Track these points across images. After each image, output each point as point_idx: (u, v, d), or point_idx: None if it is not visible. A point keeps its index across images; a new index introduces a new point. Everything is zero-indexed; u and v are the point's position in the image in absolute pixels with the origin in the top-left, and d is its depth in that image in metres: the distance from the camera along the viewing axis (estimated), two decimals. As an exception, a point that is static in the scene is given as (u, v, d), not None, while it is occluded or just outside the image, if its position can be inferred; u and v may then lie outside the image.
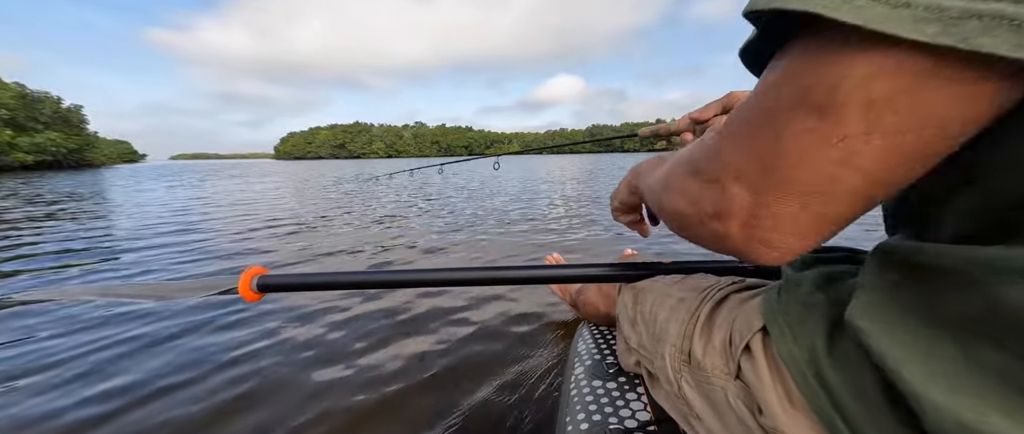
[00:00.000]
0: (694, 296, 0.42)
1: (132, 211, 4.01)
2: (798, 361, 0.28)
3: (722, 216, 0.23)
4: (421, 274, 0.50)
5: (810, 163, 0.18)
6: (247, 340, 1.14)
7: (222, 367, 1.00)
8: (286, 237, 2.58)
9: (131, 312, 1.31)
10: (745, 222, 0.22)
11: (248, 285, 0.45)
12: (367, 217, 3.28)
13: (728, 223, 0.22)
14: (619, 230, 2.56)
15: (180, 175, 13.45)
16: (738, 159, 0.21)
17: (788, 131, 0.19)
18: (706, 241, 0.26)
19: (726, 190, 0.22)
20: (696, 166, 0.25)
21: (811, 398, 0.27)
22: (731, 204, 0.22)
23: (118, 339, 1.16)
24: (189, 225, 3.08)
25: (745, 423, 0.33)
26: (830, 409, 0.26)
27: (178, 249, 2.27)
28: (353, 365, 0.99)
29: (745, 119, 0.21)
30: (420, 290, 1.42)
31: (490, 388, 0.88)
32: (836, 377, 0.26)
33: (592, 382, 0.55)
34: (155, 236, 2.66)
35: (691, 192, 0.25)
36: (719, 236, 0.24)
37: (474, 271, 0.50)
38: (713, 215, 0.23)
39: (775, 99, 0.19)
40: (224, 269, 1.96)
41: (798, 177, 0.19)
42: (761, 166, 0.20)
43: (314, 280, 0.48)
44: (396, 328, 1.20)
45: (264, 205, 4.28)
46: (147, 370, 0.99)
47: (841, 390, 0.25)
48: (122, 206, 4.48)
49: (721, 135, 0.23)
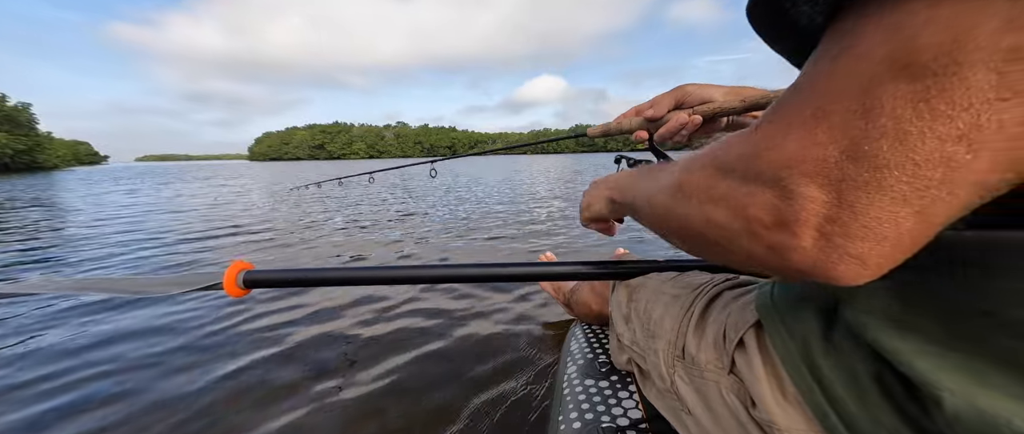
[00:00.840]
0: (688, 293, 0.42)
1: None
2: (792, 354, 0.28)
3: (788, 224, 0.18)
4: (412, 270, 0.48)
5: (916, 145, 0.14)
6: (231, 338, 1.12)
7: (203, 365, 0.97)
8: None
9: (108, 305, 1.26)
10: (823, 230, 0.17)
11: (234, 281, 0.43)
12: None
13: (797, 233, 0.18)
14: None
15: (139, 178, 12.62)
16: (807, 150, 0.17)
17: (883, 105, 0.15)
18: (757, 259, 0.21)
19: (793, 191, 0.18)
20: (736, 166, 0.21)
21: (805, 391, 0.27)
22: (802, 208, 0.18)
23: (95, 332, 1.13)
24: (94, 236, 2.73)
25: (737, 417, 0.33)
26: (823, 401, 0.26)
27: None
28: (340, 364, 0.99)
29: (810, 99, 0.17)
30: (411, 288, 1.41)
31: (483, 387, 0.87)
32: (829, 369, 0.25)
33: (585, 381, 0.55)
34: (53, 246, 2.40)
35: (734, 199, 0.21)
36: (781, 251, 0.19)
37: (466, 268, 0.49)
38: (772, 224, 0.19)
39: (858, 66, 0.16)
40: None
41: (898, 164, 0.15)
42: (844, 154, 0.16)
43: (302, 276, 0.46)
44: (385, 327, 1.18)
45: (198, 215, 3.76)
46: (122, 367, 0.95)
47: (834, 382, 0.25)
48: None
49: (772, 124, 0.19)
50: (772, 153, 0.19)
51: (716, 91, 0.49)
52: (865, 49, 0.16)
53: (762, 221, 0.19)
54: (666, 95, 0.51)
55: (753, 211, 0.20)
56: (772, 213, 0.19)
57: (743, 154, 0.21)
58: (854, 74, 0.16)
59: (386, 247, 2.26)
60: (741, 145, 0.21)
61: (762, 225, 0.20)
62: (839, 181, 0.16)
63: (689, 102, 0.50)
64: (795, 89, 0.19)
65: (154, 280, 0.48)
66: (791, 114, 0.18)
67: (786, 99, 0.19)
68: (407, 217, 3.27)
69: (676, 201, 0.26)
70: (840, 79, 0.16)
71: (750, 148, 0.20)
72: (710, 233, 0.23)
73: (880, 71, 0.15)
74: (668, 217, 0.27)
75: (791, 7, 0.19)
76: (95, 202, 5.10)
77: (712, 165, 0.23)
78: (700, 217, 0.23)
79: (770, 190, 0.19)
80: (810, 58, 0.19)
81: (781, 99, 0.20)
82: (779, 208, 0.19)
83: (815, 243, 0.18)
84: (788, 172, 0.18)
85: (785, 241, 0.19)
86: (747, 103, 0.44)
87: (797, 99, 0.18)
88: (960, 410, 0.19)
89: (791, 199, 0.18)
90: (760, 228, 0.20)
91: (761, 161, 0.19)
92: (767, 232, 0.19)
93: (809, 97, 0.18)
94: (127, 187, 8.15)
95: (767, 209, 0.19)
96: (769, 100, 0.43)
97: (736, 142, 0.22)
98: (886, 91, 0.15)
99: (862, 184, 0.16)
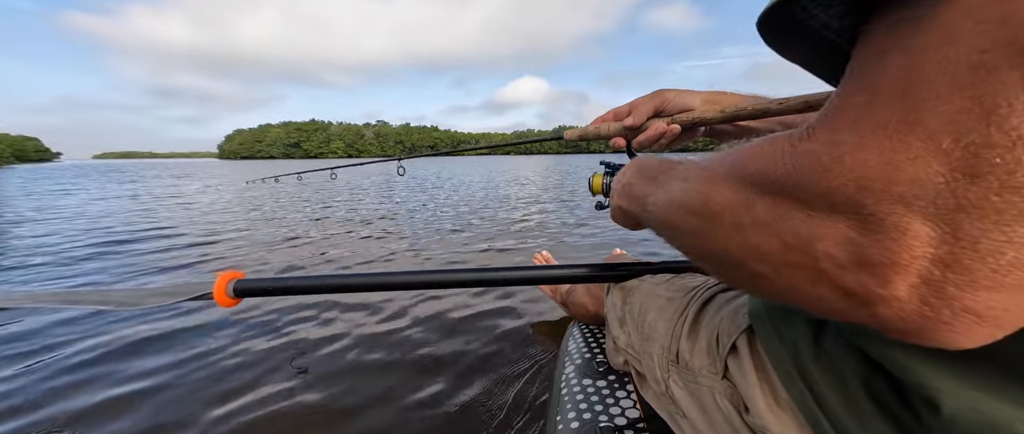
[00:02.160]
0: (682, 296, 0.43)
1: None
2: (783, 360, 0.28)
3: (873, 266, 0.14)
4: (407, 276, 0.48)
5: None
6: (223, 345, 1.10)
7: (195, 374, 0.95)
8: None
9: (94, 317, 1.21)
10: (928, 277, 0.13)
11: (224, 290, 0.43)
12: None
13: (889, 279, 0.14)
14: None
15: (84, 178, 11.39)
16: (900, 167, 0.13)
17: (1011, 100, 0.11)
18: (824, 302, 0.16)
19: (882, 222, 0.13)
20: (784, 183, 0.16)
21: (797, 397, 0.27)
22: (896, 246, 0.13)
23: (82, 348, 1.07)
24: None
25: (731, 423, 0.33)
26: (815, 408, 0.25)
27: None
28: (336, 366, 0.99)
29: (890, 99, 0.13)
30: (407, 293, 1.40)
31: (481, 387, 0.88)
32: (820, 374, 0.25)
33: (582, 380, 0.56)
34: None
35: (787, 227, 0.16)
36: (862, 298, 0.15)
37: (462, 273, 0.49)
38: (849, 264, 0.15)
39: (956, 52, 0.12)
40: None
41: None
42: (958, 171, 0.12)
43: (294, 284, 0.45)
44: (381, 328, 1.19)
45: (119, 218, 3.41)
46: (112, 380, 0.91)
47: (825, 387, 0.25)
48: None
49: (834, 132, 0.15)
50: (843, 171, 0.14)
51: (694, 98, 0.49)
52: (956, 29, 0.12)
53: (834, 259, 0.15)
54: (645, 100, 0.50)
55: (822, 246, 0.15)
56: (848, 250, 0.14)
57: (797, 169, 0.16)
58: (952, 64, 0.12)
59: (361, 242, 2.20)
60: (790, 157, 0.16)
61: (834, 263, 0.15)
62: (953, 210, 0.12)
63: (668, 110, 0.49)
64: (859, 88, 0.14)
65: (142, 292, 0.46)
66: (861, 119, 0.14)
67: (847, 103, 0.15)
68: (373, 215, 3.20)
69: (700, 221, 0.21)
70: (932, 73, 0.12)
71: (807, 162, 0.15)
72: (756, 263, 0.18)
73: (996, 59, 0.11)
74: (686, 233, 0.23)
75: (803, 14, 0.16)
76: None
77: (745, 181, 0.18)
78: (736, 243, 0.19)
79: (844, 219, 0.14)
80: (863, 53, 0.15)
81: (838, 102, 0.15)
82: (859, 244, 0.14)
83: (915, 293, 0.13)
84: (872, 197, 0.13)
85: (869, 287, 0.14)
86: (726, 114, 0.45)
87: (865, 99, 0.14)
88: (958, 413, 0.19)
89: (878, 233, 0.14)
90: (831, 267, 0.15)
91: (826, 180, 0.15)
92: (841, 273, 0.15)
93: (889, 97, 0.13)
94: (61, 188, 7.36)
95: (840, 244, 0.15)
96: (745, 112, 0.43)
97: (776, 152, 0.17)
98: (1008, 77, 0.11)
99: (990, 212, 0.12)
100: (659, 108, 0.50)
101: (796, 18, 0.17)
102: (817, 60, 0.20)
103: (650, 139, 0.50)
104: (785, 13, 0.17)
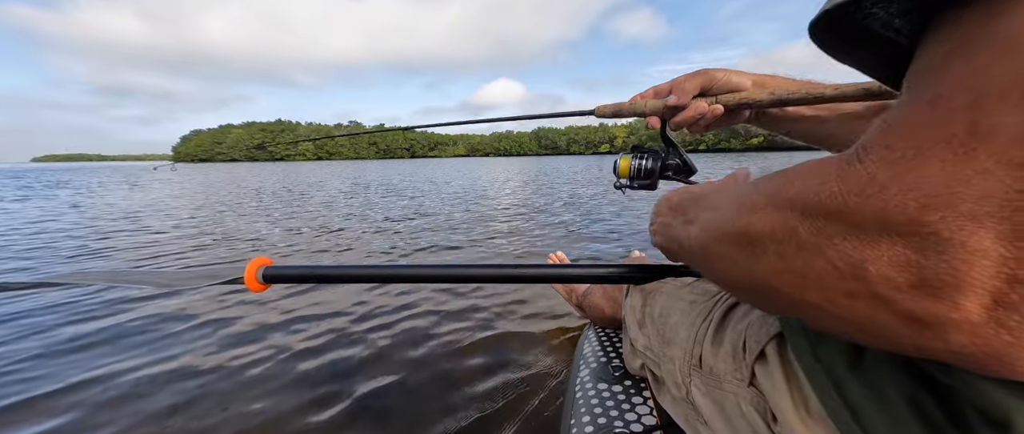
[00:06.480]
0: (706, 300, 0.42)
1: None
2: (817, 370, 0.26)
3: (937, 288, 0.13)
4: (428, 269, 0.49)
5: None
6: (247, 330, 1.17)
7: (219, 354, 1.02)
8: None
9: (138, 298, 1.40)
10: (1002, 298, 0.12)
11: (254, 276, 0.44)
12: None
13: (956, 302, 0.13)
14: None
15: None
16: (964, 181, 0.12)
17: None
18: (887, 331, 0.16)
19: (944, 241, 0.13)
20: (830, 206, 0.16)
21: (831, 409, 0.25)
22: (962, 265, 0.13)
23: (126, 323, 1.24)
24: None
25: (756, 431, 0.32)
26: (851, 421, 0.24)
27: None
28: (355, 362, 1.00)
29: (954, 109, 0.13)
30: (423, 288, 1.46)
31: (496, 389, 0.88)
32: (859, 387, 0.24)
33: (598, 385, 0.56)
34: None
35: (836, 253, 0.15)
36: (928, 324, 0.14)
37: (480, 268, 0.50)
38: (909, 287, 0.14)
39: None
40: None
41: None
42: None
43: (320, 272, 0.47)
44: (397, 326, 1.20)
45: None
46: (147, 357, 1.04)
47: (863, 401, 0.23)
48: None
49: (887, 149, 0.14)
50: (902, 189, 0.13)
51: (744, 78, 0.45)
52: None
53: (891, 281, 0.14)
54: (688, 78, 0.46)
55: (876, 268, 0.14)
56: (908, 272, 0.14)
57: (847, 191, 0.15)
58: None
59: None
60: (837, 180, 0.16)
61: (892, 287, 0.14)
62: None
63: (714, 89, 0.46)
64: (920, 99, 0.14)
65: (179, 275, 0.50)
66: (923, 133, 0.13)
67: (906, 115, 0.14)
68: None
69: (739, 250, 0.20)
70: (1004, 83, 0.12)
71: (859, 183, 0.15)
72: (802, 294, 0.17)
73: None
74: (734, 266, 0.21)
75: (861, 15, 0.15)
76: None
77: (786, 205, 0.17)
78: (780, 270, 0.18)
79: (901, 240, 0.14)
80: (924, 64, 0.14)
81: (896, 115, 0.15)
82: (921, 266, 0.13)
83: (991, 316, 0.13)
84: (936, 214, 0.13)
85: (936, 311, 0.14)
86: (776, 97, 0.41)
87: (928, 111, 0.13)
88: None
89: (943, 252, 0.13)
90: (889, 291, 0.14)
91: (882, 200, 0.14)
92: (901, 297, 0.14)
93: (955, 108, 0.13)
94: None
95: (897, 266, 0.14)
96: (801, 96, 0.39)
97: (822, 173, 0.16)
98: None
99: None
100: (704, 87, 0.46)
101: (854, 19, 0.16)
102: (876, 63, 0.20)
103: (688, 119, 0.47)
104: (844, 15, 0.16)
